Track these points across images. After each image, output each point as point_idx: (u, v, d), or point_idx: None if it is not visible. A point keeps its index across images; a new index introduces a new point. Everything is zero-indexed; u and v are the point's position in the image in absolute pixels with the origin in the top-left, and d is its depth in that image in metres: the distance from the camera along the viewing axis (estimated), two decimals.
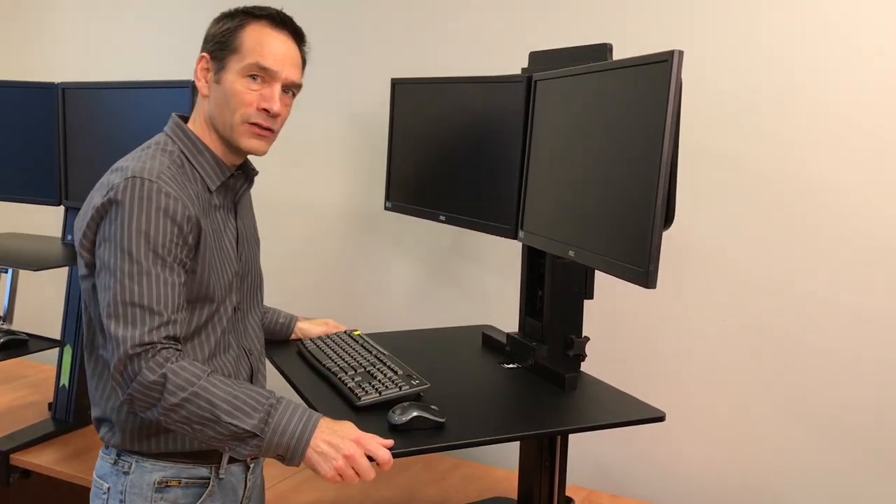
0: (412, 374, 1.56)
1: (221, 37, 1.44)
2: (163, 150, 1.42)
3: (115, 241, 1.30)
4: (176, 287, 1.32)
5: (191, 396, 1.25)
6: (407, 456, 1.33)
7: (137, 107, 2.12)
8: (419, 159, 1.99)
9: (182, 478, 1.45)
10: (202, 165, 1.44)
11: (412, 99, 2.01)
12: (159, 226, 1.31)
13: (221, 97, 1.43)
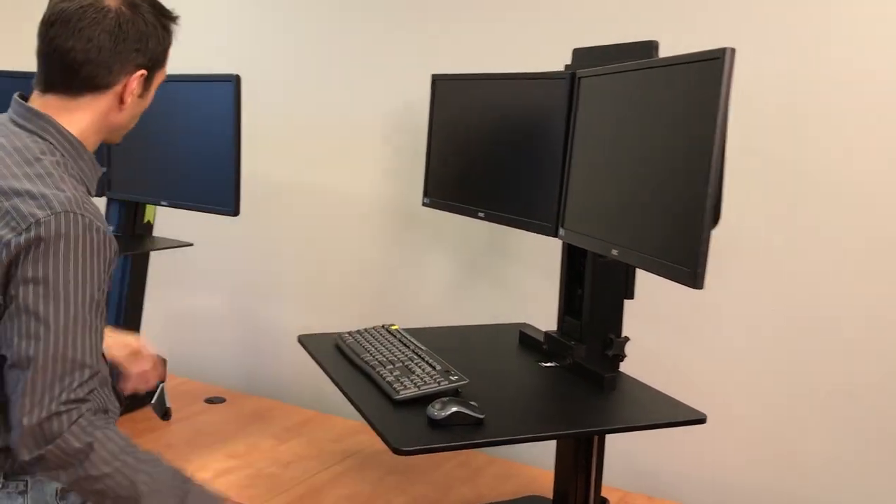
0: (450, 369, 1.56)
1: (161, 55, 1.37)
2: (56, 163, 1.27)
3: (49, 286, 1.16)
4: (100, 333, 1.22)
5: (114, 472, 1.18)
6: (447, 451, 1.33)
7: (181, 100, 2.13)
8: (459, 156, 1.99)
9: None
10: (83, 170, 1.33)
11: (453, 95, 2.01)
12: (97, 269, 1.20)
13: (139, 111, 1.40)
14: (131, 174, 2.25)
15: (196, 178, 2.11)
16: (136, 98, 1.36)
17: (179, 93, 2.13)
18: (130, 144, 2.23)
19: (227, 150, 2.03)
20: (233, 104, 2.01)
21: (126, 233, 2.32)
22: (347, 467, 2.07)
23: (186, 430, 2.26)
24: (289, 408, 2.47)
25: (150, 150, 2.20)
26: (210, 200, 2.08)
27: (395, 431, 1.34)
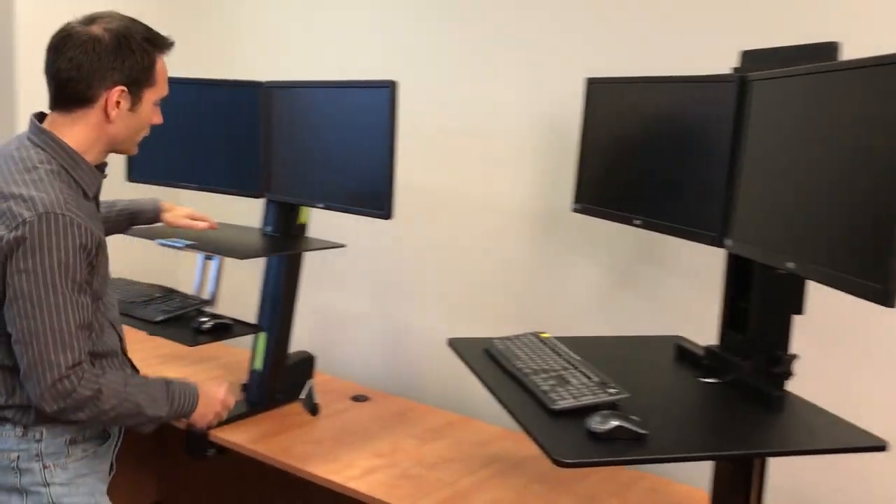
0: (607, 381, 1.52)
1: (141, 73, 1.56)
2: (50, 171, 1.50)
3: (38, 274, 1.43)
4: (87, 307, 1.50)
5: (120, 403, 1.53)
6: (609, 465, 1.30)
7: (338, 105, 2.19)
8: (612, 160, 1.94)
9: (86, 433, 1.63)
10: (81, 177, 1.55)
11: (607, 98, 1.97)
12: (76, 258, 1.45)
13: (135, 124, 1.59)
14: (288, 177, 2.33)
15: (351, 181, 2.16)
16: (126, 112, 1.56)
17: (337, 99, 2.19)
18: (288, 148, 2.32)
19: (382, 155, 2.06)
20: (388, 110, 2.04)
21: (281, 233, 2.41)
22: (492, 473, 2.06)
23: (334, 427, 2.31)
24: (432, 409, 2.49)
25: (307, 154, 2.27)
26: (364, 204, 2.13)
27: (554, 442, 1.31)
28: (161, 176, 2.58)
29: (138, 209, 2.11)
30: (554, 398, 1.45)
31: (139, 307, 2.11)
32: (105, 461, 1.72)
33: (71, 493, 1.63)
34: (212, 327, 2.04)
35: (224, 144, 2.45)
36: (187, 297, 2.22)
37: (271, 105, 2.35)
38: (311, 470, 2.02)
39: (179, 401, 1.64)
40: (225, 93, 2.45)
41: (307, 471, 2.03)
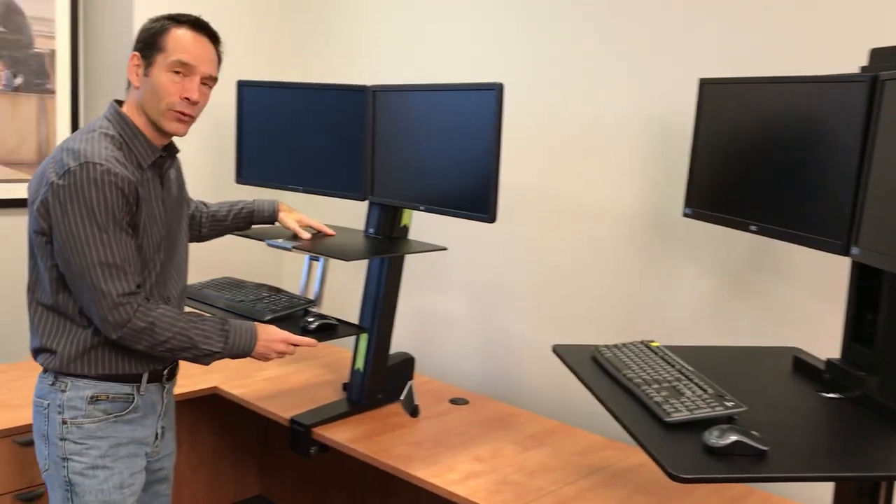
0: (724, 394, 1.46)
1: (150, 38, 1.74)
2: (105, 134, 1.70)
3: (82, 215, 1.62)
4: (132, 246, 1.69)
5: (175, 334, 1.71)
6: (728, 482, 1.24)
7: (443, 109, 2.18)
8: (727, 164, 1.87)
9: (109, 393, 1.76)
10: (136, 147, 1.74)
11: (722, 100, 1.90)
12: (115, 199, 1.64)
13: (150, 89, 1.73)
14: (392, 180, 2.34)
15: (454, 184, 2.15)
16: (143, 78, 1.73)
17: (442, 102, 2.19)
18: (392, 152, 2.34)
19: (487, 157, 2.05)
20: (494, 112, 2.02)
21: (384, 235, 2.43)
22: (594, 482, 2.02)
23: (433, 429, 2.31)
24: (532, 416, 2.47)
25: (411, 157, 2.28)
26: (467, 207, 2.12)
27: (669, 456, 1.27)
28: (268, 178, 2.64)
29: (257, 209, 2.24)
30: (668, 410, 1.40)
31: (248, 305, 2.16)
32: (129, 429, 1.78)
33: (81, 452, 1.73)
34: (318, 327, 2.07)
35: (330, 148, 2.49)
36: (294, 297, 2.25)
37: (377, 109, 2.37)
38: (411, 472, 2.02)
39: (235, 338, 1.78)
40: (332, 97, 2.48)
41: (408, 472, 2.03)
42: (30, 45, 2.85)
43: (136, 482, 1.81)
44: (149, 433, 1.84)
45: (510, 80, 2.63)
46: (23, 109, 2.86)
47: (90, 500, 1.74)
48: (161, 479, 1.95)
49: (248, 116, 2.67)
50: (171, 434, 1.97)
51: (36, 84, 2.88)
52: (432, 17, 2.85)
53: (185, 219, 1.94)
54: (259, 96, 2.65)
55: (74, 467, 1.73)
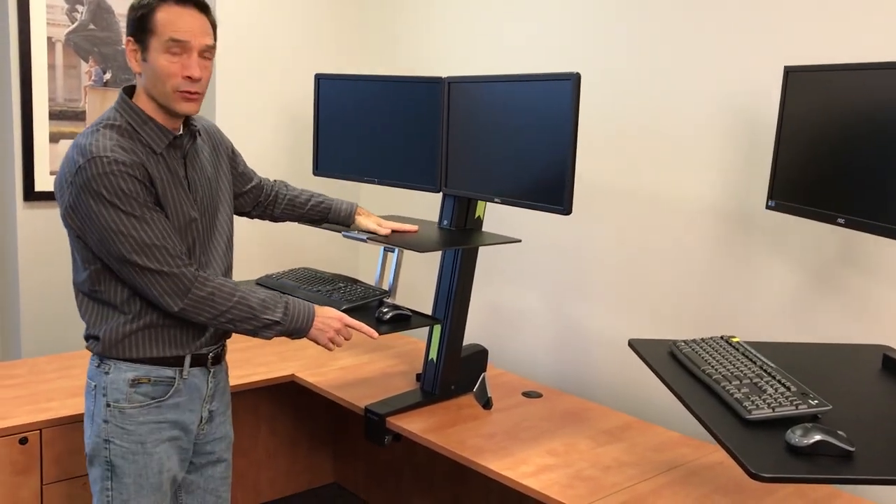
0: (808, 392, 1.41)
1: (139, 22, 1.71)
2: (111, 126, 1.71)
3: (105, 207, 1.65)
4: (162, 222, 1.71)
5: (236, 303, 1.74)
6: (812, 483, 1.20)
7: (519, 100, 2.16)
8: (814, 155, 1.81)
9: (151, 376, 1.79)
10: (147, 133, 1.74)
11: (809, 88, 1.83)
12: (129, 184, 1.66)
13: (151, 73, 1.72)
14: (466, 172, 2.34)
15: (530, 176, 2.14)
16: (142, 62, 1.72)
17: (518, 92, 2.17)
18: (467, 143, 2.33)
19: (562, 148, 2.02)
20: (571, 103, 2.00)
21: (458, 226, 2.43)
22: (670, 480, 1.99)
23: (506, 422, 2.31)
24: (607, 410, 2.44)
25: (486, 149, 2.27)
26: (543, 199, 2.10)
27: (750, 454, 1.24)
28: (344, 170, 2.67)
29: (334, 208, 2.26)
30: (748, 407, 1.37)
31: (324, 295, 2.20)
32: (172, 413, 1.82)
33: (121, 436, 1.78)
34: (392, 317, 2.08)
35: (405, 140, 2.50)
36: (369, 288, 2.28)
37: (451, 100, 2.37)
38: (485, 464, 2.02)
39: (294, 313, 1.80)
40: (407, 89, 2.49)
41: (481, 464, 2.03)
42: (118, 41, 2.96)
43: (174, 466, 1.85)
44: (193, 417, 1.87)
45: (587, 69, 2.60)
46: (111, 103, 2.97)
47: (128, 482, 1.79)
48: (213, 462, 1.97)
49: (325, 109, 2.70)
50: (224, 419, 1.99)
51: (123, 79, 2.98)
52: (509, 3, 2.83)
53: (225, 197, 1.94)
54: (336, 89, 2.67)
55: (116, 450, 1.78)
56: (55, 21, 2.81)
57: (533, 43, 2.76)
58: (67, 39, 2.84)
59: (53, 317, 2.86)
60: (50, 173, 2.85)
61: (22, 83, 2.75)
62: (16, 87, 2.74)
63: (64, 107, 2.86)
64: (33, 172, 2.81)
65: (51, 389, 2.36)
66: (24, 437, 2.11)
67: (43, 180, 2.84)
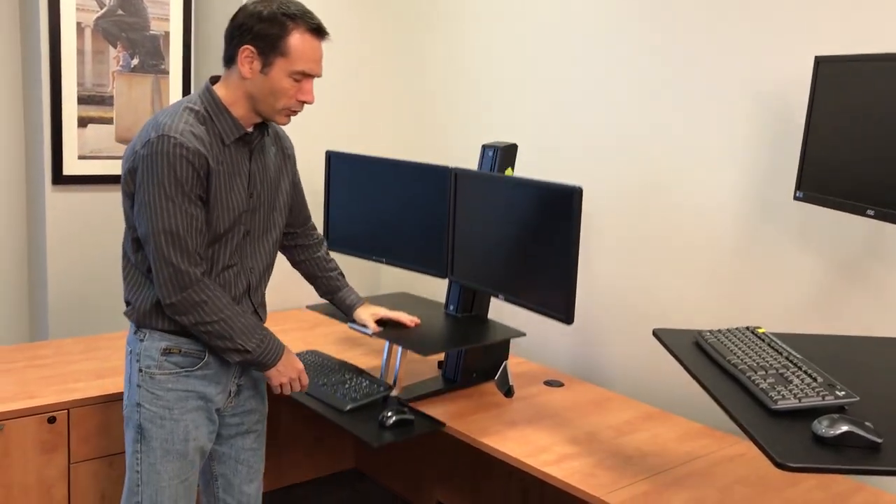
0: (834, 383, 1.40)
1: (270, 39, 1.75)
2: (190, 109, 1.78)
3: (153, 183, 1.72)
4: (199, 219, 1.76)
5: (220, 320, 1.78)
6: (838, 473, 1.20)
7: (524, 201, 2.17)
8: (843, 146, 1.79)
9: (182, 347, 1.85)
10: (220, 123, 1.80)
11: (840, 78, 1.81)
12: (183, 171, 1.71)
13: (268, 87, 1.78)
14: (472, 262, 2.36)
15: (533, 279, 2.15)
16: (259, 73, 1.77)
17: (522, 194, 2.18)
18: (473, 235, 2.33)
19: (565, 260, 2.03)
20: (573, 216, 2.00)
21: (464, 311, 2.50)
22: (692, 470, 1.98)
23: (528, 410, 2.31)
24: (628, 401, 2.44)
25: (490, 243, 2.28)
26: (547, 306, 2.12)
27: (776, 444, 1.23)
28: (353, 247, 2.70)
29: (342, 294, 2.25)
30: (774, 397, 1.36)
31: (329, 390, 2.30)
32: (200, 384, 1.87)
33: (150, 401, 1.85)
34: (395, 422, 2.15)
35: (413, 223, 2.52)
36: (373, 381, 2.34)
37: (458, 190, 2.38)
38: (506, 451, 2.03)
39: (266, 347, 1.86)
40: (416, 174, 2.51)
41: (502, 451, 2.04)
42: (146, 27, 2.98)
43: (201, 436, 1.90)
44: (220, 390, 1.92)
45: (613, 55, 2.58)
46: (139, 89, 2.99)
47: (155, 446, 1.85)
48: (243, 433, 2.02)
49: (336, 186, 2.73)
50: (253, 393, 2.03)
51: (151, 65, 3.01)
52: None
53: (282, 198, 1.99)
54: (347, 167, 2.69)
55: (145, 414, 1.85)
56: (84, 6, 2.83)
57: (563, 23, 2.75)
58: (96, 25, 2.86)
59: (80, 299, 2.90)
60: (78, 157, 2.88)
61: (52, 68, 2.78)
62: (45, 73, 2.77)
63: (92, 91, 2.89)
64: (62, 156, 2.84)
65: (78, 370, 2.39)
66: (52, 417, 2.14)
67: (71, 164, 2.87)
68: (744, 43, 2.26)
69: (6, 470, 2.09)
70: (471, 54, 3.05)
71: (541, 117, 2.83)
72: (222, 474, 2.04)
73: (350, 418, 2.19)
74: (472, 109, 3.08)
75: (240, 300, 1.90)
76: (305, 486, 3.13)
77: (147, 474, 1.86)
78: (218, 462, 2.03)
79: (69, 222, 2.87)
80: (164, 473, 1.86)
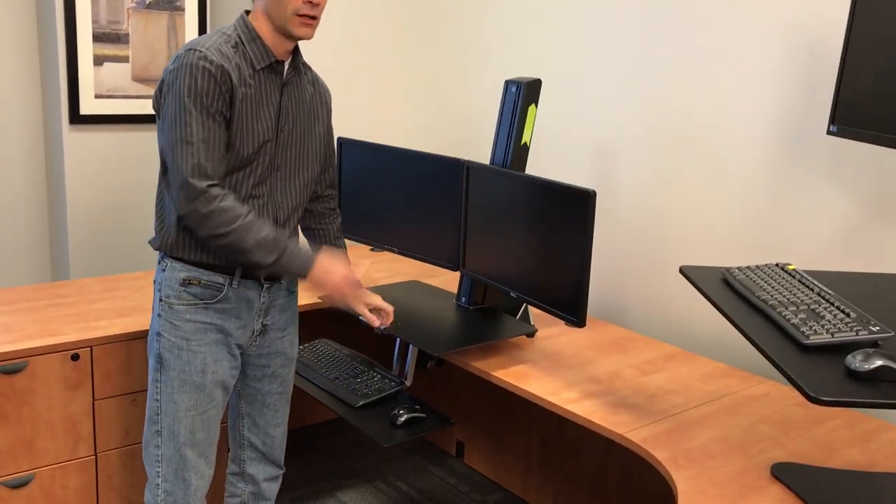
0: (868, 318, 1.37)
1: None
2: (223, 33, 1.81)
3: (175, 95, 1.73)
4: (217, 134, 1.75)
5: (231, 231, 1.74)
6: (873, 407, 1.18)
7: (537, 200, 2.13)
8: (882, 77, 1.72)
9: (202, 279, 1.85)
10: (252, 49, 1.81)
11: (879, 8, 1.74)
12: (204, 83, 1.72)
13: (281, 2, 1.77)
14: (485, 256, 2.33)
15: (544, 277, 2.12)
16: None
17: (535, 192, 2.13)
18: (485, 229, 2.28)
19: (578, 261, 2.00)
20: (586, 218, 1.97)
21: (475, 303, 2.47)
22: (716, 409, 1.97)
23: (549, 350, 2.30)
24: (651, 341, 2.42)
25: (503, 238, 2.25)
26: (557, 305, 2.08)
27: (809, 378, 1.21)
28: (365, 235, 2.67)
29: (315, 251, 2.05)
30: (806, 332, 1.33)
31: (341, 384, 2.28)
32: (219, 318, 1.87)
33: (169, 330, 1.86)
34: (406, 421, 2.14)
35: (426, 214, 2.49)
36: (385, 376, 2.32)
37: (471, 183, 2.34)
38: (529, 389, 2.02)
39: (289, 259, 1.80)
40: (429, 165, 2.46)
41: (524, 389, 2.03)
42: None
43: (220, 370, 1.89)
44: (240, 326, 1.91)
45: None
46: (154, 26, 2.94)
47: (173, 376, 1.86)
48: (269, 377, 2.03)
49: (348, 172, 2.68)
50: (281, 335, 2.02)
51: (166, 2, 2.95)
52: None
53: (315, 143, 1.96)
54: (359, 154, 2.64)
55: (164, 343, 1.86)
56: None
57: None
58: None
59: (101, 239, 2.90)
60: (95, 96, 2.84)
61: (66, 5, 2.73)
62: (59, 10, 2.72)
63: (107, 29, 2.84)
64: (78, 95, 2.81)
65: (100, 309, 2.39)
66: (75, 354, 2.15)
67: (88, 103, 2.84)
68: None
69: (32, 406, 2.11)
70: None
71: (564, 54, 2.76)
72: (248, 413, 2.05)
73: (361, 415, 2.19)
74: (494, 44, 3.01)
75: None
76: (326, 426, 3.16)
77: (165, 403, 1.88)
78: (245, 401, 2.04)
79: (87, 162, 2.85)
80: (182, 404, 1.87)
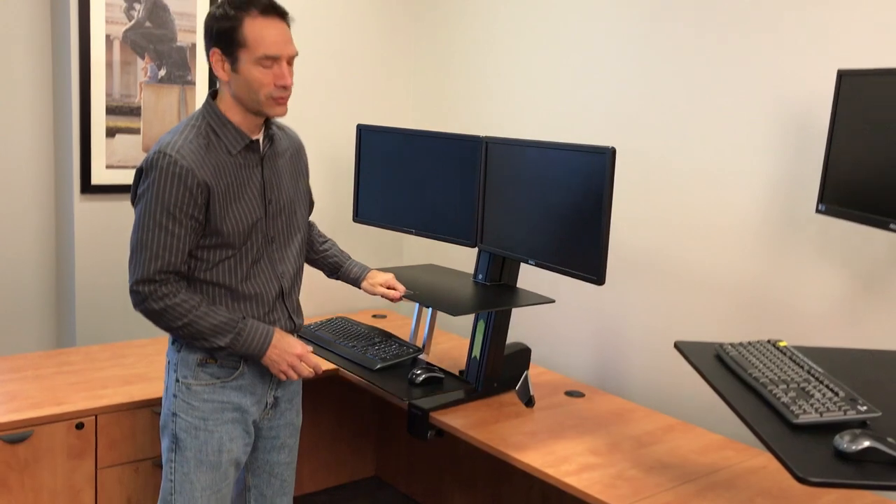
0: (856, 398, 1.41)
1: (225, 35, 1.76)
2: (193, 125, 1.81)
3: (144, 199, 1.76)
4: (181, 238, 1.76)
5: (185, 324, 1.79)
6: (860, 489, 1.20)
7: (554, 166, 2.19)
8: (866, 159, 1.79)
9: (218, 358, 1.87)
10: (226, 136, 1.82)
11: (863, 93, 1.82)
12: (174, 190, 1.73)
13: (243, 83, 1.78)
14: (502, 229, 2.38)
15: (564, 241, 2.17)
16: (232, 73, 1.78)
17: (553, 159, 2.20)
18: (504, 203, 2.35)
19: (597, 221, 2.05)
20: (606, 176, 2.02)
21: (492, 280, 2.51)
22: (713, 482, 1.99)
23: (549, 420, 2.32)
24: (650, 412, 2.44)
25: (521, 209, 2.31)
26: (577, 267, 2.13)
27: (798, 459, 1.24)
28: (383, 219, 2.74)
29: (346, 266, 2.29)
30: (796, 412, 1.37)
31: (359, 351, 2.30)
32: (235, 395, 1.89)
33: (185, 410, 1.87)
34: (424, 380, 2.19)
35: (443, 193, 2.55)
36: (403, 344, 2.35)
37: (489, 159, 2.41)
38: (527, 461, 2.04)
39: (246, 340, 1.83)
40: (446, 144, 2.54)
41: (522, 461, 2.05)
42: (173, 39, 3.02)
43: (235, 448, 1.91)
44: (255, 402, 1.94)
45: (631, 67, 2.59)
46: (165, 100, 3.04)
47: (189, 456, 1.87)
48: (278, 448, 2.05)
49: (366, 159, 2.77)
50: (290, 406, 2.05)
51: (178, 76, 3.05)
52: None
53: (302, 200, 2.02)
54: (377, 140, 2.73)
55: (181, 424, 1.88)
56: (113, 19, 2.88)
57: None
58: (125, 37, 2.91)
59: (108, 307, 2.94)
60: (106, 167, 2.93)
61: (81, 79, 2.83)
62: (75, 83, 2.82)
63: (120, 102, 2.94)
64: (90, 166, 2.89)
65: (105, 377, 2.43)
66: (80, 423, 2.18)
67: (99, 173, 2.92)
68: (766, 56, 2.27)
69: (35, 475, 2.13)
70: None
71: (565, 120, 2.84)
72: (256, 486, 2.06)
73: (380, 376, 2.21)
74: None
75: (273, 306, 1.92)
76: (326, 494, 3.16)
77: (180, 483, 1.88)
78: (252, 474, 2.05)
79: (97, 231, 2.91)
80: (197, 483, 1.88)
